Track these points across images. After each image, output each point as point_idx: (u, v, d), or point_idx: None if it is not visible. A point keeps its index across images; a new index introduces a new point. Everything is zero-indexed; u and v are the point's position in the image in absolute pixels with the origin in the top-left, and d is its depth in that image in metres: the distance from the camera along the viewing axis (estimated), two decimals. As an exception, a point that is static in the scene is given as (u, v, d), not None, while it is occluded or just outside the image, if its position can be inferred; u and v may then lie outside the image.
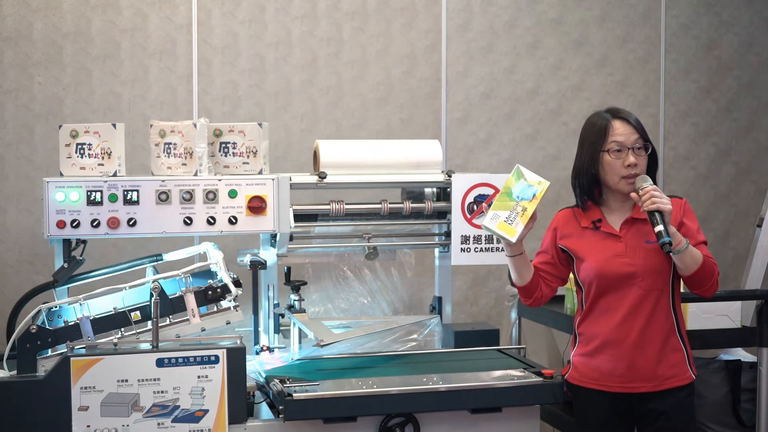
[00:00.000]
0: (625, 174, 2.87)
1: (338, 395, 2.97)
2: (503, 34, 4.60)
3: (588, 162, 2.93)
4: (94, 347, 2.99)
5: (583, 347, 2.99)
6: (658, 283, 2.89)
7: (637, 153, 2.88)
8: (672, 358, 2.91)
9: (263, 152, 3.38)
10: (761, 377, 3.50)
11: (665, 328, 2.90)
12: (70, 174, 3.25)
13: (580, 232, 2.99)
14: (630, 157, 2.86)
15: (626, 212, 2.96)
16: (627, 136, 2.88)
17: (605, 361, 2.92)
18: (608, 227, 2.95)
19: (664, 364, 2.89)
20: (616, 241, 2.92)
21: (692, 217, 2.95)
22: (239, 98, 4.29)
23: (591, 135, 2.93)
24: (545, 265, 3.05)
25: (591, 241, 2.96)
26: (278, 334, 3.49)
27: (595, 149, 2.91)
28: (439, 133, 4.51)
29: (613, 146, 2.87)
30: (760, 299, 3.51)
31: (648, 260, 2.87)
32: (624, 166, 2.87)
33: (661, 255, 2.85)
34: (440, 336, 3.70)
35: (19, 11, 4.04)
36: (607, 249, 2.91)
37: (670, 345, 2.91)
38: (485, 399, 3.07)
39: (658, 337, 2.89)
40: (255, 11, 4.29)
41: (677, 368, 2.91)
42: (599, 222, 2.96)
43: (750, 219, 4.80)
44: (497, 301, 4.62)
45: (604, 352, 2.92)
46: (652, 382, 2.89)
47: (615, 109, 2.95)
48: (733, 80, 4.94)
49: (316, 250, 3.67)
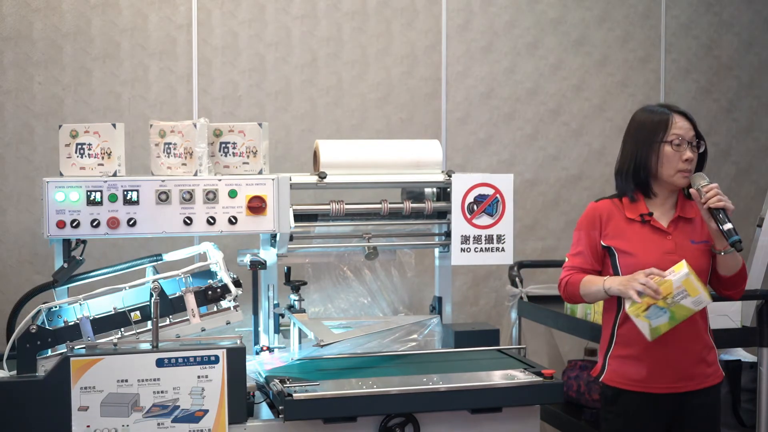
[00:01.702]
0: (682, 168, 2.89)
1: (338, 395, 2.96)
2: (503, 34, 4.60)
3: (645, 153, 2.91)
4: (94, 347, 2.99)
5: (623, 349, 2.94)
6: None
7: (693, 149, 2.91)
8: (709, 356, 2.96)
9: (263, 152, 3.38)
10: (761, 377, 3.51)
11: (702, 328, 2.94)
12: (70, 174, 3.25)
13: (624, 225, 2.94)
14: (688, 152, 2.89)
15: (670, 209, 2.96)
16: (687, 131, 2.91)
17: (651, 364, 2.89)
18: (657, 222, 2.92)
19: (704, 363, 2.93)
20: (665, 238, 2.90)
21: None
22: (239, 98, 4.29)
23: (650, 126, 2.92)
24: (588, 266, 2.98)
25: (639, 235, 2.92)
26: (278, 334, 3.49)
27: (655, 140, 2.90)
28: (439, 133, 4.51)
29: (675, 138, 2.89)
30: (760, 299, 3.51)
31: (696, 260, 2.86)
32: (682, 160, 2.89)
33: (706, 255, 2.90)
34: (440, 336, 3.70)
35: (19, 11, 4.04)
36: (658, 246, 2.89)
37: (706, 343, 2.95)
38: (485, 399, 3.07)
39: (698, 336, 2.92)
40: (255, 11, 4.29)
41: (714, 366, 2.97)
42: (649, 216, 2.93)
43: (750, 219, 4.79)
44: (497, 301, 4.61)
45: (650, 354, 2.88)
46: (695, 380, 2.92)
47: (673, 106, 2.99)
48: (733, 80, 4.94)
49: (316, 250, 3.67)
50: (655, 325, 2.76)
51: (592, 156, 4.73)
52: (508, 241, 3.53)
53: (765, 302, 3.50)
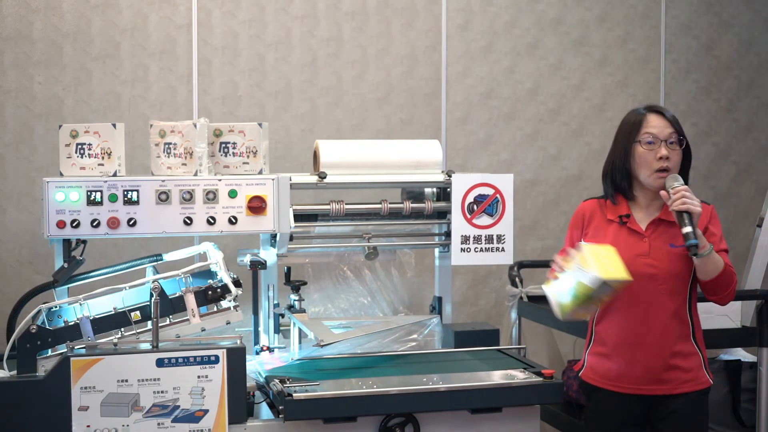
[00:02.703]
0: (657, 167, 2.84)
1: (338, 395, 2.96)
2: (503, 34, 4.60)
3: (621, 155, 2.91)
4: (94, 347, 2.99)
5: (599, 346, 2.97)
6: (678, 288, 2.86)
7: (670, 147, 2.85)
8: (688, 362, 2.89)
9: (263, 152, 3.38)
10: (761, 377, 3.51)
11: (681, 333, 2.88)
12: (70, 174, 3.25)
13: (605, 225, 2.95)
14: (662, 150, 2.83)
15: (654, 212, 2.93)
16: (661, 129, 2.86)
17: (621, 363, 2.90)
18: (635, 224, 2.91)
19: (680, 368, 2.87)
20: (640, 240, 2.88)
21: (717, 224, 2.91)
22: (239, 98, 4.29)
23: (626, 128, 2.92)
24: None
25: (615, 236, 2.91)
26: (278, 334, 3.49)
27: (629, 141, 2.89)
28: (439, 133, 4.51)
29: (645, 137, 2.86)
30: (760, 299, 3.52)
31: (671, 264, 2.84)
32: (656, 158, 2.84)
33: (684, 260, 2.83)
34: (440, 336, 3.70)
35: (19, 11, 4.04)
36: (631, 247, 2.87)
37: (686, 349, 2.89)
38: (485, 399, 3.07)
39: (674, 341, 2.87)
40: (255, 11, 4.29)
41: (694, 372, 2.90)
42: (627, 217, 2.92)
43: (750, 219, 4.80)
44: (497, 301, 4.62)
45: (620, 353, 2.89)
46: (668, 385, 2.87)
47: (653, 105, 2.95)
48: (733, 80, 4.94)
49: (316, 250, 3.67)
50: (561, 302, 2.78)
51: (592, 156, 4.73)
52: (508, 241, 3.54)
53: (765, 302, 3.50)
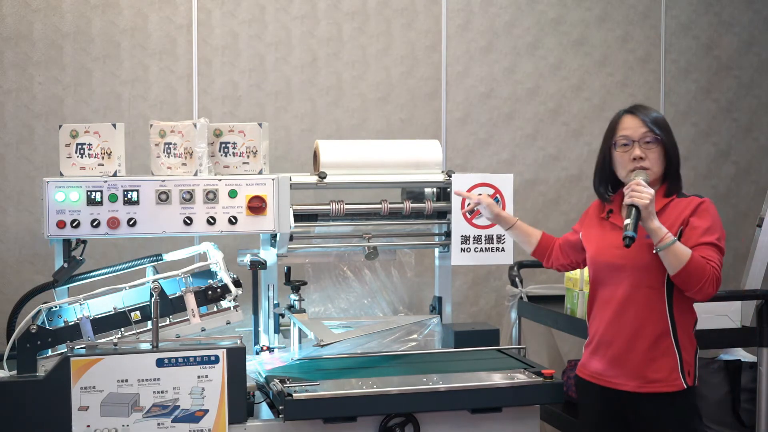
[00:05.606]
0: (632, 167, 2.87)
1: (338, 395, 2.97)
2: (503, 34, 4.60)
3: (602, 157, 3.00)
4: (94, 347, 2.99)
5: (588, 340, 3.02)
6: (647, 280, 2.82)
7: (645, 147, 2.86)
8: (662, 362, 2.82)
9: (263, 152, 3.38)
10: (761, 377, 3.50)
11: (657, 330, 2.82)
12: (70, 174, 3.25)
13: (595, 221, 3.03)
14: (636, 150, 2.86)
15: None
16: (634, 129, 2.88)
17: (598, 356, 2.93)
18: (617, 219, 2.94)
19: (652, 367, 2.82)
20: (618, 233, 2.87)
21: (706, 218, 2.82)
22: (239, 98, 4.29)
23: (607, 131, 2.99)
24: (566, 240, 3.16)
25: (599, 230, 2.98)
26: (278, 334, 3.49)
27: (607, 145, 2.96)
28: (439, 133, 4.51)
29: (620, 140, 2.91)
30: (760, 299, 3.51)
31: (639, 254, 2.81)
32: (630, 159, 2.87)
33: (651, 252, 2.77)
34: (440, 336, 3.70)
35: (19, 11, 4.04)
36: (606, 239, 2.92)
37: (662, 348, 2.82)
38: (485, 399, 3.07)
39: (648, 337, 2.82)
40: (255, 11, 4.29)
41: (666, 373, 2.82)
42: (611, 213, 2.97)
43: (750, 219, 4.80)
44: (497, 301, 4.62)
45: (599, 346, 2.93)
46: (635, 382, 2.83)
47: (633, 106, 2.98)
48: (733, 80, 4.94)
49: (316, 250, 3.67)
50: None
51: (592, 156, 4.66)
52: (508, 241, 3.54)
53: (765, 302, 3.50)
